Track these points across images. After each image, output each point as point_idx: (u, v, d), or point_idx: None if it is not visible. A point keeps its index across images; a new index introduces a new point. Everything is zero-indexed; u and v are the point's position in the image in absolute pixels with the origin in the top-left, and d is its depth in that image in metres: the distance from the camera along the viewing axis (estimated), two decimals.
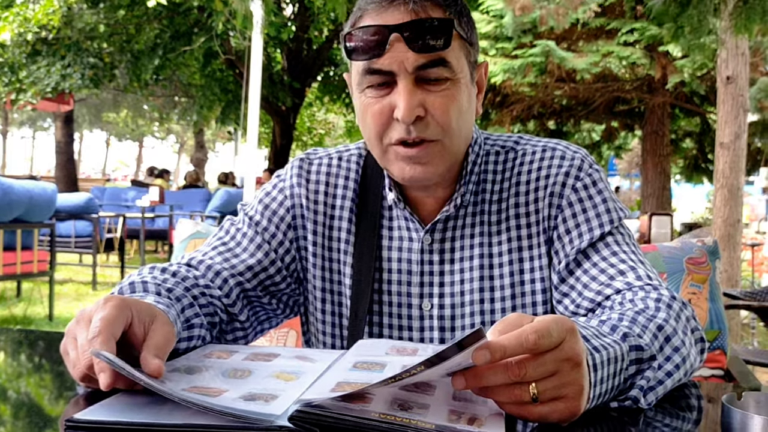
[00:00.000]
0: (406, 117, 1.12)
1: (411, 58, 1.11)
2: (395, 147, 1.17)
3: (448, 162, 1.20)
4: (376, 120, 1.17)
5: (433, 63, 1.12)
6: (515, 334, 0.77)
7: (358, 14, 1.18)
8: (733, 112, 5.56)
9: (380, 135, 1.18)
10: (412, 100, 1.12)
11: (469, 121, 1.21)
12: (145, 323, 0.91)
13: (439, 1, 1.14)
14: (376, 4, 1.14)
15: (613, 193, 1.29)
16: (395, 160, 1.19)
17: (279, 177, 1.39)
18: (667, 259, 1.80)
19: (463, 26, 1.17)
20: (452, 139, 1.17)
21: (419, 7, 1.12)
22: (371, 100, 1.17)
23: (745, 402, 0.83)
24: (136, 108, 28.48)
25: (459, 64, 1.15)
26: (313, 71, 15.78)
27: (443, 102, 1.14)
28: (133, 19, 12.82)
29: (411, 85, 1.12)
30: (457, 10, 1.16)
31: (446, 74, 1.14)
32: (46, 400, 0.94)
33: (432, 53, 1.11)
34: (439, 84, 1.14)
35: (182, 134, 38.84)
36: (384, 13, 1.13)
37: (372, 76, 1.15)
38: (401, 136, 1.15)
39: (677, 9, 3.51)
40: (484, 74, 1.27)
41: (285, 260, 1.32)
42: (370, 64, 1.14)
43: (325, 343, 1.34)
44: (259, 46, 6.07)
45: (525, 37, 9.47)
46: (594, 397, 0.86)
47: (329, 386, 0.82)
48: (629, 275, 1.16)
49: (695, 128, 12.54)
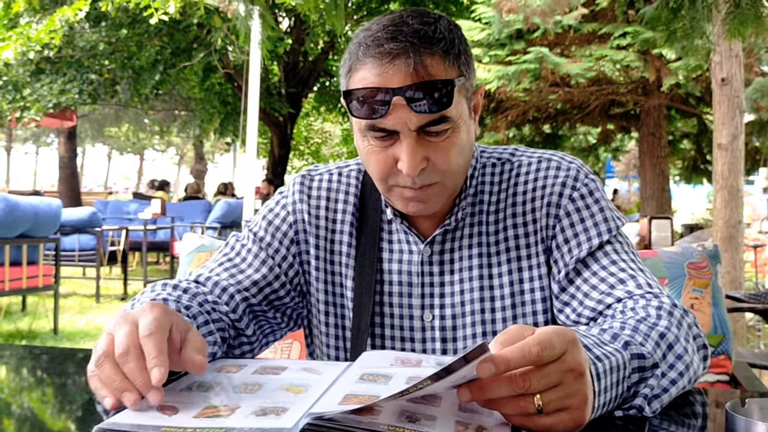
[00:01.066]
0: (411, 172, 1.13)
1: (414, 119, 1.11)
2: (399, 188, 1.19)
3: (447, 196, 1.23)
4: (380, 167, 1.18)
5: (437, 121, 1.12)
6: (518, 347, 0.78)
7: (355, 63, 1.15)
8: (730, 114, 5.57)
9: (385, 178, 1.19)
10: (416, 157, 1.13)
11: (468, 153, 1.22)
12: (182, 331, 0.93)
13: (438, 47, 1.12)
14: (376, 59, 1.11)
15: (609, 201, 1.30)
16: (398, 198, 1.21)
17: (282, 194, 1.41)
18: (668, 265, 1.81)
19: (462, 66, 1.16)
20: (452, 177, 1.19)
21: (420, 66, 1.10)
22: (375, 149, 1.17)
23: (749, 409, 0.83)
24: (137, 122, 28.59)
25: (459, 111, 1.15)
26: (310, 82, 15.85)
27: (445, 151, 1.15)
28: (135, 37, 12.90)
29: (414, 143, 1.13)
30: (455, 52, 1.14)
31: (447, 126, 1.14)
32: (62, 416, 0.95)
33: (435, 114, 1.11)
34: (441, 134, 1.14)
35: (182, 146, 38.91)
36: (385, 73, 1.10)
37: (374, 132, 1.15)
38: (406, 184, 1.17)
39: (669, 15, 3.53)
40: (480, 96, 1.26)
41: (289, 275, 1.33)
42: (372, 122, 1.14)
43: (329, 355, 1.36)
44: (257, 59, 6.10)
45: (517, 44, 9.50)
46: (598, 406, 0.86)
47: (338, 399, 0.84)
48: (630, 284, 1.17)
49: (692, 129, 12.56)
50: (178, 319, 0.94)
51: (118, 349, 0.87)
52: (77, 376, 1.12)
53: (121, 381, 0.85)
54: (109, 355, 0.88)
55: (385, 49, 1.11)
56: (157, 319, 0.89)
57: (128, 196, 21.36)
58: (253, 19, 4.29)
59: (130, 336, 0.88)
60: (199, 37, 12.99)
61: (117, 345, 0.87)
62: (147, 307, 0.92)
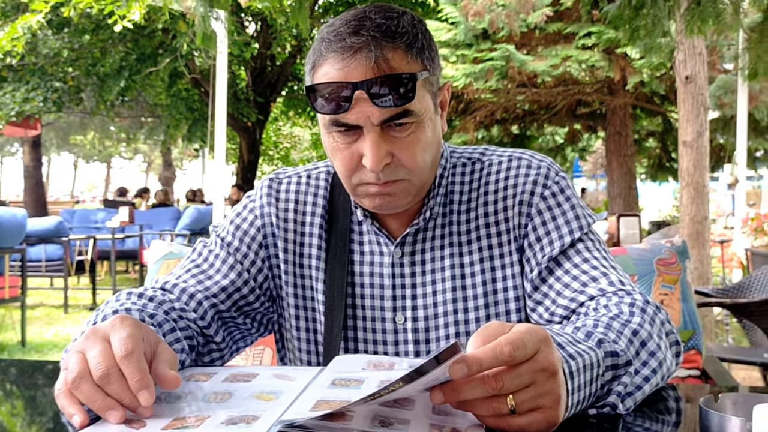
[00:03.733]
0: (375, 168, 1.12)
1: (376, 113, 1.11)
2: (365, 185, 1.19)
3: (415, 193, 1.22)
4: (345, 164, 1.17)
5: (399, 115, 1.12)
6: (490, 347, 0.77)
7: (318, 59, 1.15)
8: (694, 111, 5.64)
9: (350, 176, 1.19)
10: (380, 152, 1.12)
11: (435, 150, 1.21)
12: (152, 344, 0.91)
13: (401, 42, 1.12)
14: (337, 53, 1.11)
15: (580, 199, 1.30)
16: (365, 196, 1.20)
17: (249, 197, 1.39)
18: (637, 262, 1.81)
19: (425, 60, 1.16)
20: (419, 174, 1.19)
21: (381, 60, 1.09)
22: (340, 145, 1.17)
23: (722, 404, 0.83)
24: (103, 130, 28.21)
25: (423, 105, 1.14)
26: (278, 86, 15.76)
27: (410, 146, 1.15)
28: (99, 43, 12.75)
29: (377, 137, 1.12)
30: (418, 46, 1.14)
31: (411, 120, 1.13)
32: (32, 429, 0.92)
33: (398, 108, 1.11)
34: (405, 129, 1.14)
35: (149, 154, 38.53)
36: (347, 67, 1.10)
37: (338, 127, 1.15)
38: (370, 181, 1.17)
39: (632, 13, 3.56)
40: (447, 93, 1.26)
41: (258, 280, 1.32)
42: (335, 117, 1.13)
43: (300, 359, 1.34)
44: (223, 64, 6.06)
45: (484, 44, 9.56)
46: (572, 405, 0.86)
47: (309, 405, 0.82)
48: (602, 281, 1.17)
49: (657, 128, 12.74)
50: (148, 332, 0.91)
51: (97, 371, 0.83)
52: (47, 388, 1.09)
53: (104, 399, 0.83)
54: (85, 376, 0.84)
55: (347, 43, 1.11)
56: (131, 335, 0.86)
57: (96, 205, 21.10)
58: (215, 22, 4.25)
59: (106, 356, 0.85)
60: (165, 43, 12.87)
61: (94, 366, 0.84)
62: (117, 321, 0.89)
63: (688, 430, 0.91)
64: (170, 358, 0.91)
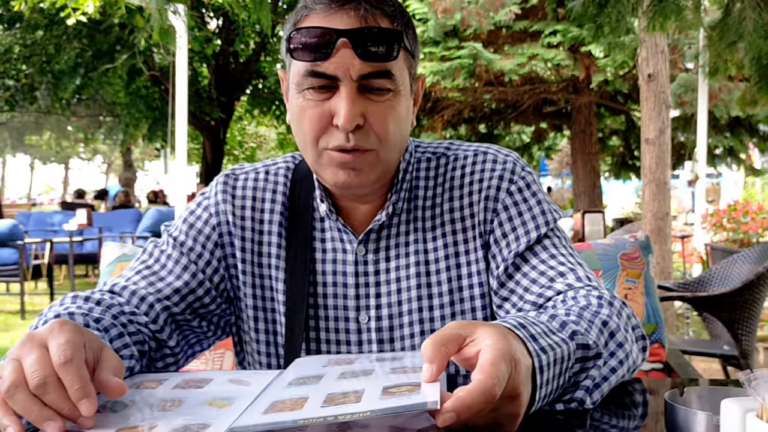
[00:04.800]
0: (347, 124, 1.09)
1: (357, 65, 1.08)
2: (330, 152, 1.14)
3: (381, 171, 1.17)
4: (314, 124, 1.13)
5: (379, 74, 1.10)
6: (480, 391, 0.74)
7: (303, 12, 1.14)
8: (656, 109, 5.71)
9: (316, 139, 1.14)
10: (354, 109, 1.09)
11: (405, 132, 1.19)
12: (95, 350, 0.85)
13: (389, 11, 1.12)
14: (325, 5, 1.11)
15: (546, 194, 1.29)
16: (329, 165, 1.15)
17: (204, 195, 1.34)
18: (601, 257, 1.82)
19: (409, 39, 1.16)
20: (387, 149, 1.15)
21: (369, 15, 1.09)
22: (310, 103, 1.13)
23: (688, 398, 0.83)
24: (60, 129, 27.68)
25: (402, 77, 1.13)
26: (242, 84, 15.61)
27: (383, 113, 1.12)
28: (52, 39, 12.50)
29: (354, 93, 1.09)
30: (404, 22, 1.14)
31: (389, 85, 1.11)
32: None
33: (378, 63, 1.09)
34: (382, 94, 1.11)
35: (109, 154, 37.95)
36: (332, 16, 1.09)
37: (314, 79, 1.11)
38: (339, 143, 1.12)
39: (596, 9, 3.59)
40: (421, 87, 1.26)
41: (214, 280, 1.27)
42: (313, 66, 1.10)
43: (260, 362, 1.30)
44: (184, 61, 5.97)
45: (451, 41, 9.60)
46: (540, 398, 0.86)
47: (262, 408, 0.79)
48: (569, 276, 1.16)
49: (621, 126, 12.93)
50: (90, 337, 0.86)
51: (33, 380, 0.78)
52: None
53: (41, 410, 0.77)
54: (20, 386, 0.78)
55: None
56: (70, 341, 0.80)
57: (54, 207, 20.71)
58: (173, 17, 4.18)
59: (43, 363, 0.79)
60: (122, 39, 12.67)
61: (30, 375, 0.78)
62: (55, 325, 0.83)
63: (654, 424, 0.90)
64: (115, 364, 0.86)
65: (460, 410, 0.72)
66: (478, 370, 0.76)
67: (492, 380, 0.74)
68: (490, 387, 0.74)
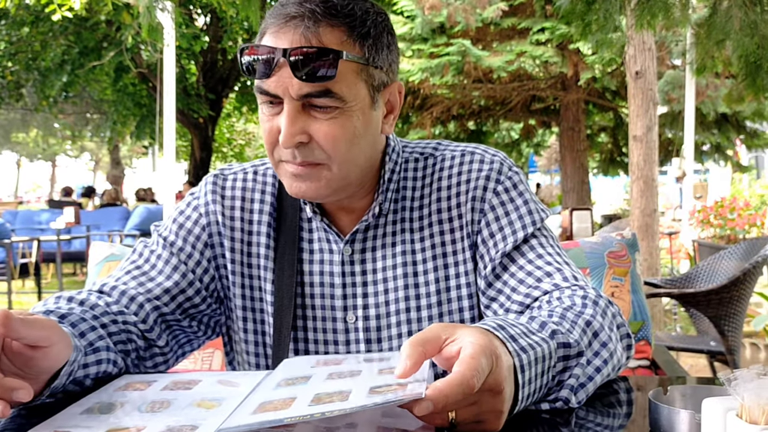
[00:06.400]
0: (286, 144, 1.10)
1: (295, 85, 1.08)
2: (284, 163, 1.16)
3: (339, 185, 1.17)
4: (267, 138, 1.15)
5: (319, 93, 1.09)
6: (458, 383, 0.75)
7: (262, 27, 1.15)
8: (644, 106, 5.73)
9: (271, 151, 1.17)
10: (293, 128, 1.10)
11: (366, 147, 1.17)
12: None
13: (340, 22, 1.10)
14: (276, 22, 1.11)
15: (533, 194, 1.29)
16: (284, 176, 1.18)
17: (193, 195, 1.34)
18: (588, 255, 1.83)
19: (368, 49, 1.13)
20: (341, 165, 1.14)
21: (311, 33, 1.08)
22: (265, 117, 1.15)
23: (671, 396, 0.84)
24: (47, 127, 27.48)
25: (351, 92, 1.11)
26: (230, 81, 15.54)
27: (328, 130, 1.11)
28: (39, 35, 12.40)
29: (294, 112, 1.10)
30: (362, 32, 1.12)
31: (332, 104, 1.10)
32: None
33: (316, 83, 1.08)
34: (326, 111, 1.11)
35: (97, 151, 37.67)
36: (280, 33, 1.09)
37: (262, 96, 1.13)
38: (287, 158, 1.14)
39: (584, 7, 3.60)
40: (399, 95, 1.23)
41: (204, 280, 1.27)
42: (260, 83, 1.11)
43: (249, 362, 1.31)
44: (171, 58, 5.94)
45: (440, 38, 9.60)
46: (523, 398, 0.86)
47: (251, 409, 0.80)
48: (556, 276, 1.16)
49: (609, 123, 12.96)
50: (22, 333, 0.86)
51: None
52: None
53: None
54: None
55: (286, 11, 1.10)
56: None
57: (41, 205, 20.58)
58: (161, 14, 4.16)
59: None
60: (109, 35, 12.59)
61: None
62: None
63: (639, 423, 0.91)
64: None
65: (437, 399, 0.74)
66: (458, 362, 0.78)
67: (471, 371, 0.76)
68: (468, 378, 0.75)
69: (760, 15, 3.49)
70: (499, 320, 0.92)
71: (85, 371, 1.00)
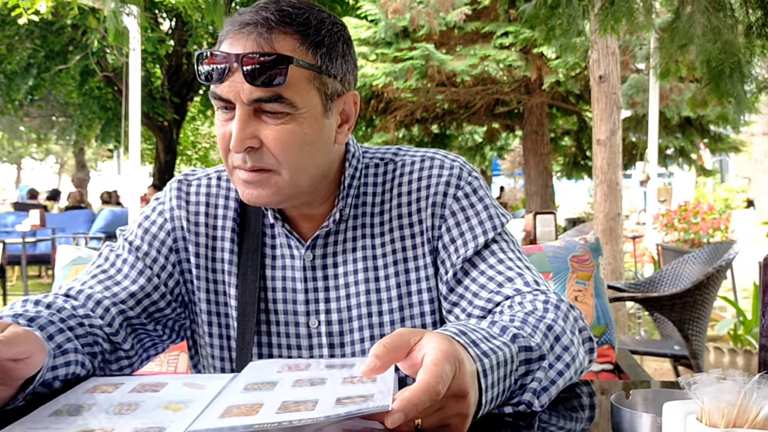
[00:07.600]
0: (236, 148, 1.11)
1: (246, 90, 1.09)
2: (236, 170, 1.17)
3: (290, 192, 1.17)
4: (221, 143, 1.16)
5: (269, 98, 1.10)
6: (422, 390, 0.76)
7: (220, 37, 1.16)
8: (608, 110, 5.79)
9: (225, 157, 1.17)
10: (243, 132, 1.10)
11: (318, 154, 1.18)
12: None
13: (294, 30, 1.11)
14: (231, 29, 1.13)
15: (493, 199, 1.30)
16: (237, 182, 1.18)
17: (158, 200, 1.34)
18: (552, 259, 1.84)
19: (322, 57, 1.14)
20: (292, 172, 1.15)
21: (264, 39, 1.09)
22: (218, 123, 1.16)
23: (634, 400, 0.85)
24: (12, 129, 26.99)
25: (303, 99, 1.12)
26: (194, 85, 15.41)
27: (279, 136, 1.12)
28: (4, 39, 12.26)
29: (245, 116, 1.11)
30: (316, 40, 1.13)
31: (283, 109, 1.11)
32: None
33: (267, 88, 1.09)
34: (277, 117, 1.12)
35: (62, 154, 37.16)
36: (234, 40, 1.11)
37: (216, 101, 1.14)
38: (239, 163, 1.15)
39: (547, 12, 3.63)
40: (354, 105, 1.23)
41: (168, 285, 1.28)
42: (213, 88, 1.12)
43: (214, 366, 1.31)
44: (137, 62, 5.89)
45: (403, 42, 9.63)
46: (486, 402, 0.87)
47: (218, 412, 0.80)
48: (518, 281, 1.17)
49: (573, 126, 13.09)
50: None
51: None
52: None
53: None
54: None
55: (242, 18, 1.12)
56: None
57: (6, 208, 20.22)
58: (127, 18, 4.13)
59: None
60: (75, 39, 12.48)
61: None
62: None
63: (601, 427, 0.92)
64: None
65: (407, 409, 0.74)
66: (422, 370, 0.78)
67: (435, 379, 0.77)
68: (434, 385, 0.76)
69: (723, 20, 3.55)
70: (460, 326, 0.93)
71: (53, 373, 1.01)
